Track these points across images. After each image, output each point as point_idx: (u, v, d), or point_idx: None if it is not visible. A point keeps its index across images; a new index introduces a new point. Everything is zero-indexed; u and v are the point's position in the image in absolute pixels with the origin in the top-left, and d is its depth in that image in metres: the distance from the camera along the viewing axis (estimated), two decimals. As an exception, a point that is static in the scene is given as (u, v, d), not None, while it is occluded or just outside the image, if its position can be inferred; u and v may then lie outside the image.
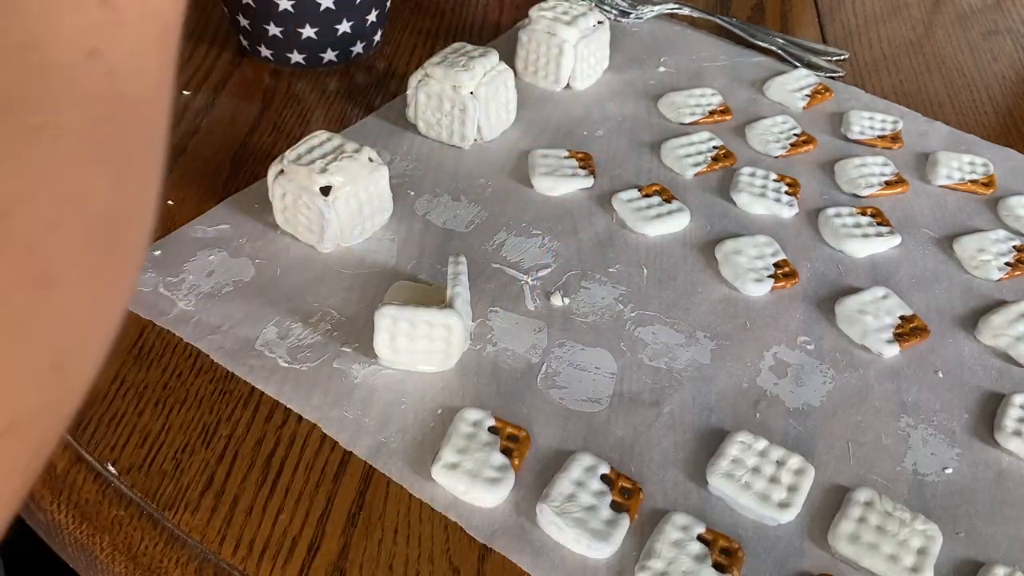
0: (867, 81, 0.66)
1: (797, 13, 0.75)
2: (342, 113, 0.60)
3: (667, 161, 0.56)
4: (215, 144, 0.57)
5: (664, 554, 0.35)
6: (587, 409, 0.41)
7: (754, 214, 0.53)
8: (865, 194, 0.55)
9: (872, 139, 0.59)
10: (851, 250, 0.50)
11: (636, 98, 0.62)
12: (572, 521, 0.35)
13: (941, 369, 0.44)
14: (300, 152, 0.46)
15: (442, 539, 0.36)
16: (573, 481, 0.37)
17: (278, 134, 0.58)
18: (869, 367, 0.44)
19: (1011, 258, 0.50)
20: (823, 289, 0.48)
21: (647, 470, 0.39)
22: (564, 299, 0.46)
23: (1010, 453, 0.41)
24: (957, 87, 0.66)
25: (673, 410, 0.41)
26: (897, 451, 0.40)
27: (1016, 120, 0.63)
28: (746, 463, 0.38)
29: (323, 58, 0.64)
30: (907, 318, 0.46)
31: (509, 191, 0.53)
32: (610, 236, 0.51)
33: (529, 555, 0.35)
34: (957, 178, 0.56)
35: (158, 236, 0.49)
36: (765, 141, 0.58)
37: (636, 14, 0.72)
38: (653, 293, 0.47)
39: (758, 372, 0.43)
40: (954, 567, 0.36)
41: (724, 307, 0.47)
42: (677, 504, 0.38)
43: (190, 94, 0.61)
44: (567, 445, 0.39)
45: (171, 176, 0.54)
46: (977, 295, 0.49)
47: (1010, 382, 0.44)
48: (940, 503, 0.38)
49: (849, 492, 0.38)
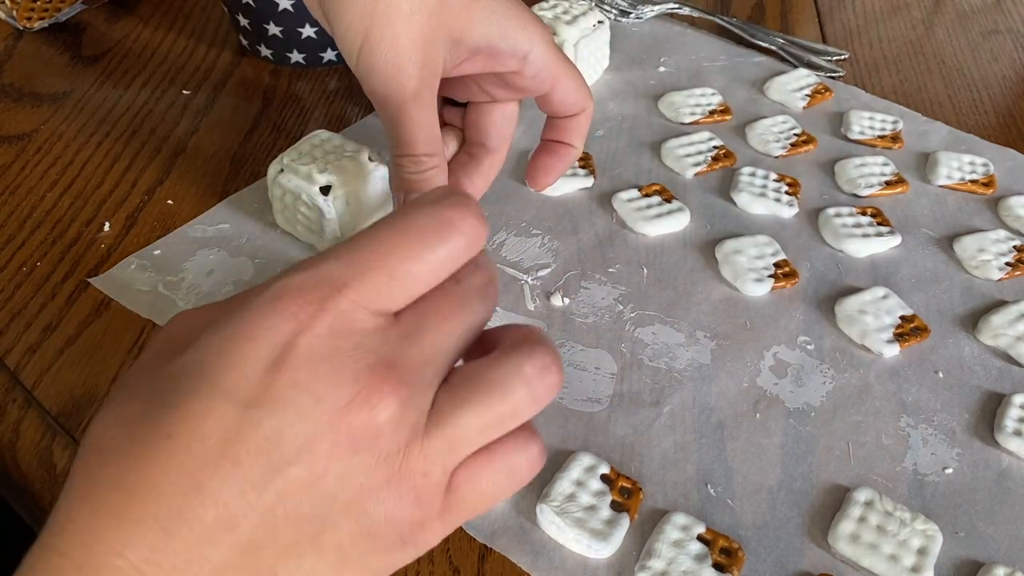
0: (867, 81, 0.66)
1: (797, 13, 0.75)
2: (342, 113, 0.60)
3: (667, 161, 0.56)
4: (215, 143, 0.57)
5: (664, 554, 0.35)
6: (587, 409, 0.41)
7: (754, 214, 0.53)
8: (865, 194, 0.55)
9: (872, 139, 0.59)
10: (851, 250, 0.50)
11: (636, 98, 0.62)
12: (572, 521, 0.35)
13: (941, 369, 0.44)
14: (300, 151, 0.46)
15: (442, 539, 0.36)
16: (573, 481, 0.37)
17: (278, 134, 0.58)
18: (869, 367, 0.44)
19: (1011, 258, 0.50)
20: (823, 289, 0.48)
21: (647, 470, 0.39)
22: (564, 299, 0.46)
23: (1010, 453, 0.41)
24: (957, 87, 0.66)
25: (673, 410, 0.41)
26: (897, 451, 0.40)
27: (1016, 120, 0.63)
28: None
29: (323, 58, 0.64)
30: (907, 318, 0.46)
31: (509, 191, 0.53)
32: (610, 236, 0.51)
33: (529, 555, 0.35)
34: (957, 178, 0.56)
35: (157, 235, 0.49)
36: (765, 141, 0.58)
37: (636, 14, 0.72)
38: (653, 293, 0.47)
39: (758, 372, 0.43)
40: (954, 567, 0.36)
41: (724, 307, 0.47)
42: (677, 504, 0.38)
43: (190, 93, 0.61)
44: (567, 445, 0.39)
45: (171, 175, 0.54)
46: (977, 295, 0.49)
47: (1010, 382, 0.44)
48: (940, 503, 0.38)
49: (849, 492, 0.38)
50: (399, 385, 0.25)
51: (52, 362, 0.42)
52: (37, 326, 0.44)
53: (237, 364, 0.24)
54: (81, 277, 0.47)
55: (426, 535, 0.26)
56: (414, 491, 0.25)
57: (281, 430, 0.24)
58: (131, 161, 0.55)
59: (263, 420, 0.24)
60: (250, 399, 0.24)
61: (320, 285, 0.25)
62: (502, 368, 0.26)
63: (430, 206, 0.27)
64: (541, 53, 0.39)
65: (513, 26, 0.38)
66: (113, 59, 0.65)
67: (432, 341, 0.26)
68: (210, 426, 0.24)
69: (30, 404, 0.41)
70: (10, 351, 0.43)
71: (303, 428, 0.24)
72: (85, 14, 0.70)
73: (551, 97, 0.42)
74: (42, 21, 0.67)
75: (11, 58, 0.64)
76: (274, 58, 0.64)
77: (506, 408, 0.26)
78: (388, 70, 0.35)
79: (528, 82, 0.40)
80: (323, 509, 0.24)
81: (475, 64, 0.39)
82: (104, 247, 0.48)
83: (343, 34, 0.36)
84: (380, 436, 0.25)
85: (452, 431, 0.25)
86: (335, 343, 0.25)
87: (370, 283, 0.26)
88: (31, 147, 0.56)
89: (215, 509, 0.23)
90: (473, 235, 0.28)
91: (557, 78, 0.41)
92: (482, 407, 0.26)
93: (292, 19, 0.61)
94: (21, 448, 0.40)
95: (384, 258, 0.26)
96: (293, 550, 0.24)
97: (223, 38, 0.67)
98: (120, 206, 0.51)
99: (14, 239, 0.49)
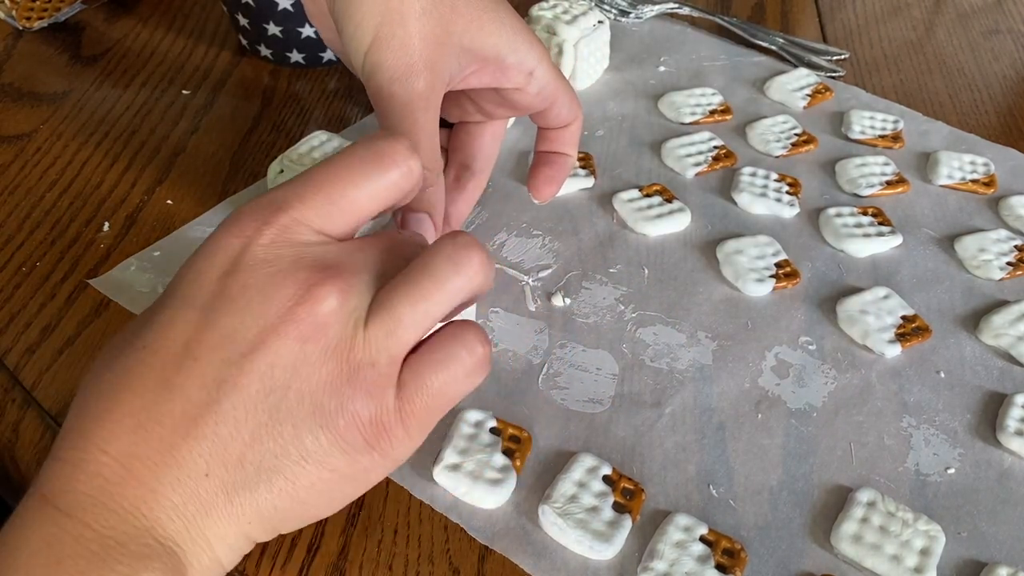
0: (868, 81, 0.66)
1: (797, 12, 0.75)
2: (342, 113, 0.60)
3: (668, 161, 0.56)
4: (215, 143, 0.56)
5: (666, 555, 0.35)
6: (588, 410, 0.41)
7: (755, 214, 0.53)
8: (866, 194, 0.54)
9: (873, 139, 0.59)
10: (852, 250, 0.50)
11: (636, 98, 0.62)
12: (574, 522, 0.35)
13: (943, 369, 0.44)
14: (300, 152, 0.46)
15: (442, 539, 0.36)
16: (575, 482, 0.37)
17: (277, 133, 0.58)
18: (871, 367, 0.44)
19: (1012, 258, 0.50)
20: (824, 289, 0.48)
21: (649, 471, 0.39)
22: (565, 300, 0.46)
23: (1012, 453, 0.41)
24: (958, 87, 0.66)
25: (675, 411, 0.41)
26: (899, 451, 0.40)
27: (1017, 120, 0.63)
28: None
29: (323, 57, 0.63)
30: (909, 318, 0.46)
31: (509, 191, 0.53)
32: (611, 236, 0.50)
33: (531, 557, 0.35)
34: (958, 178, 0.56)
35: (157, 235, 0.49)
36: (766, 141, 0.58)
37: (636, 13, 0.72)
38: (654, 293, 0.47)
39: (760, 372, 0.43)
40: (957, 568, 0.36)
41: (725, 307, 0.47)
42: (679, 505, 0.37)
43: (190, 93, 0.61)
44: (568, 446, 0.39)
45: (170, 175, 0.54)
46: (978, 295, 0.49)
47: (1012, 382, 0.44)
48: (943, 503, 0.38)
49: (851, 492, 0.38)
50: (338, 281, 0.28)
51: (51, 362, 0.42)
52: (36, 326, 0.44)
53: (196, 279, 0.28)
54: (80, 277, 0.47)
55: (390, 439, 0.28)
56: (364, 383, 0.27)
57: (234, 326, 0.27)
58: (130, 161, 0.55)
59: (219, 320, 0.27)
60: (206, 303, 0.27)
61: (266, 206, 0.29)
62: (427, 255, 0.29)
63: (370, 141, 0.30)
64: (545, 70, 0.40)
65: (521, 41, 0.39)
66: (112, 59, 0.64)
67: (369, 257, 0.29)
68: (175, 331, 0.27)
69: (29, 404, 0.41)
70: (9, 351, 0.43)
71: (254, 323, 0.27)
72: (84, 14, 0.70)
73: (548, 112, 0.42)
74: (41, 21, 0.67)
75: (10, 58, 0.64)
76: (274, 58, 0.63)
77: (432, 284, 0.28)
78: (397, 67, 0.35)
79: (531, 99, 0.40)
80: (278, 399, 0.27)
81: (482, 77, 0.39)
82: (103, 247, 0.48)
83: (352, 32, 0.35)
84: (325, 327, 0.27)
85: (388, 315, 0.28)
86: (278, 250, 0.28)
87: (311, 204, 0.29)
88: (30, 147, 0.56)
89: (181, 403, 0.26)
90: (406, 167, 0.30)
91: (556, 95, 0.41)
92: (410, 286, 0.28)
93: (292, 19, 0.60)
94: (20, 448, 0.40)
95: (326, 184, 0.29)
96: (255, 442, 0.27)
97: (223, 38, 0.67)
98: (119, 206, 0.51)
99: (13, 239, 0.49)
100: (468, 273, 0.29)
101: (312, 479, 0.28)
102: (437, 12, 0.36)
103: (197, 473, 0.26)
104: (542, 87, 0.40)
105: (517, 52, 0.39)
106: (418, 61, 0.35)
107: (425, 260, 0.29)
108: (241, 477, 0.27)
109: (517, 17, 0.39)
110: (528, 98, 0.40)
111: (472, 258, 0.29)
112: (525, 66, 0.39)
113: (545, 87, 0.40)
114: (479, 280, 0.29)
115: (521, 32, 0.39)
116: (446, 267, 0.29)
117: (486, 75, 0.39)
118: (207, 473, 0.26)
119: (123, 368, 0.27)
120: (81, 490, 0.26)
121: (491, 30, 0.38)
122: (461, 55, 0.37)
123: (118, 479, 0.26)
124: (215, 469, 0.26)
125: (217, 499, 0.27)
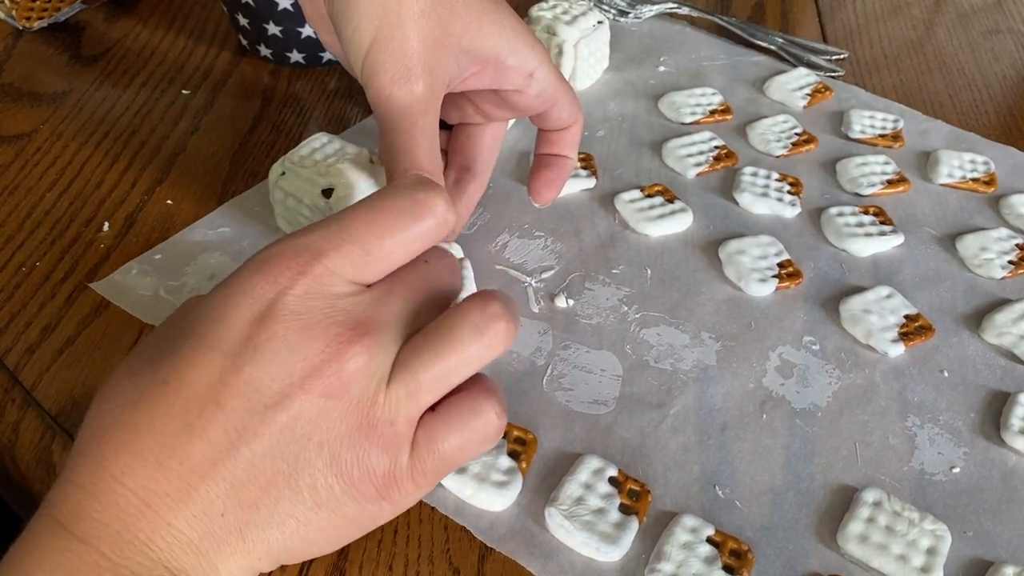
0: (867, 80, 0.66)
1: (797, 12, 0.75)
2: (342, 113, 0.60)
3: (668, 161, 0.56)
4: (215, 143, 0.56)
5: (673, 556, 0.35)
6: (593, 411, 0.41)
7: (757, 214, 0.53)
8: (867, 193, 0.54)
9: (873, 138, 0.59)
10: (854, 249, 0.50)
11: (636, 98, 0.62)
12: (581, 524, 0.35)
13: (946, 368, 0.44)
14: (302, 154, 0.46)
15: (442, 539, 0.36)
16: (581, 484, 0.37)
17: (277, 134, 0.58)
18: (874, 367, 0.44)
19: (1014, 256, 0.50)
20: (827, 289, 0.48)
21: (654, 472, 0.38)
22: (568, 301, 0.46)
23: (1017, 452, 0.41)
24: (958, 86, 0.66)
25: (679, 411, 0.41)
26: (904, 451, 0.40)
27: (1017, 119, 0.63)
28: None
29: (323, 58, 0.63)
30: (911, 317, 0.46)
31: (510, 192, 0.53)
32: (612, 237, 0.50)
33: (538, 559, 0.35)
34: (958, 176, 0.56)
35: (157, 235, 0.49)
36: (766, 140, 0.58)
37: (635, 13, 0.72)
38: (657, 294, 0.47)
39: (764, 373, 0.43)
40: (963, 567, 0.36)
41: (729, 308, 0.47)
42: (686, 506, 0.37)
43: (189, 93, 0.61)
44: (573, 447, 0.39)
45: (170, 175, 0.53)
46: (980, 293, 0.49)
47: (1015, 380, 0.44)
48: (948, 502, 0.38)
49: (857, 492, 0.38)
50: (367, 340, 0.28)
51: (51, 362, 0.42)
52: (36, 326, 0.44)
53: (224, 320, 0.28)
54: (80, 277, 0.46)
55: (400, 492, 0.29)
56: (382, 439, 0.28)
57: (260, 376, 0.27)
58: (130, 161, 0.54)
59: (244, 367, 0.27)
60: (234, 349, 0.27)
61: (301, 252, 0.28)
62: (453, 318, 0.29)
63: (406, 189, 0.31)
64: (545, 72, 0.40)
65: (521, 42, 0.38)
66: (112, 59, 0.64)
67: (398, 307, 0.30)
68: (199, 373, 0.27)
69: (29, 404, 0.40)
70: (9, 351, 0.43)
71: (280, 376, 0.27)
72: (84, 14, 0.69)
73: (548, 114, 0.42)
74: (41, 21, 0.67)
75: (10, 58, 0.64)
76: (274, 58, 0.63)
77: (455, 354, 0.29)
78: (396, 70, 0.35)
79: (531, 101, 0.40)
80: (297, 448, 0.27)
81: (481, 79, 0.39)
82: (103, 247, 0.48)
83: (351, 35, 0.35)
84: (350, 384, 0.28)
85: (411, 377, 0.28)
86: (310, 302, 0.28)
87: (345, 254, 0.29)
88: (30, 147, 0.55)
89: (201, 445, 0.26)
90: (442, 218, 0.31)
91: (557, 96, 0.41)
92: (434, 354, 0.29)
93: (292, 19, 0.60)
94: (20, 448, 0.39)
95: (361, 233, 0.29)
96: (272, 487, 0.27)
97: (223, 38, 0.67)
98: (119, 206, 0.51)
99: (13, 239, 0.49)
100: (491, 343, 0.29)
101: (323, 524, 0.28)
102: (436, 14, 0.35)
103: (214, 512, 0.27)
104: (542, 89, 0.40)
105: (517, 54, 0.38)
106: (417, 63, 0.35)
107: (451, 324, 0.29)
108: (256, 518, 0.27)
109: (517, 18, 0.39)
110: (528, 100, 0.40)
111: (498, 330, 0.29)
112: (525, 68, 0.39)
113: (545, 89, 0.40)
114: (501, 348, 0.30)
115: (521, 34, 0.39)
116: (471, 336, 0.29)
117: (486, 77, 0.39)
118: (223, 513, 0.27)
119: (144, 401, 0.27)
120: (97, 518, 0.26)
121: (490, 32, 0.37)
122: (460, 57, 0.37)
123: (135, 511, 0.26)
124: (231, 510, 0.27)
125: (230, 537, 0.27)
